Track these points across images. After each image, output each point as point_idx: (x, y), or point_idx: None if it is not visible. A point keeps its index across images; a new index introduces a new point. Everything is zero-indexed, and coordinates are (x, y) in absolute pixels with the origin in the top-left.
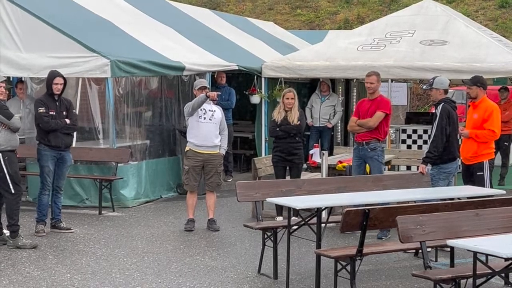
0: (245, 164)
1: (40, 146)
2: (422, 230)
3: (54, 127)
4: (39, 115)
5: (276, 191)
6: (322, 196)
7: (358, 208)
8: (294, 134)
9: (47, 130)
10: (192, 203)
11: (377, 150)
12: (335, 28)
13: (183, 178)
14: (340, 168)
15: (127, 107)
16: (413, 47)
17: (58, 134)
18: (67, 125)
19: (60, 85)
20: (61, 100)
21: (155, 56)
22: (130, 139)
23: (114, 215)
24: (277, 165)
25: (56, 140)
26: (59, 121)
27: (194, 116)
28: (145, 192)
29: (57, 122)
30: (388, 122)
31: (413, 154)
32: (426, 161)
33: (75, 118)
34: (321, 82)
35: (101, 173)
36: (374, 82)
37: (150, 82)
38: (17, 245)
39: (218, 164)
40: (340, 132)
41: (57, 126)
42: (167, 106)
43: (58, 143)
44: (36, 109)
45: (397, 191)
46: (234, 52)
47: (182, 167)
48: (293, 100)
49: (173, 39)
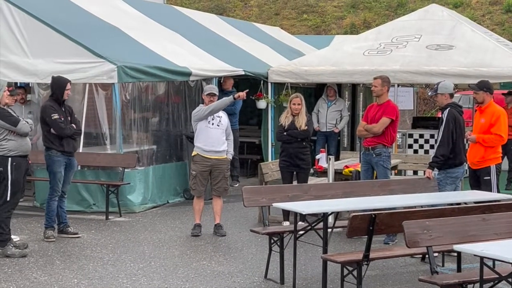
0: (251, 169)
1: (51, 152)
2: (428, 235)
3: (69, 133)
4: (54, 122)
5: (283, 196)
6: (329, 201)
7: (365, 213)
8: (301, 139)
9: (62, 136)
10: (199, 208)
11: (383, 155)
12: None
13: (190, 183)
14: (346, 173)
15: (134, 113)
16: (419, 52)
17: (69, 140)
18: (75, 131)
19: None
20: (65, 106)
21: (161, 61)
22: (137, 145)
23: (121, 220)
24: (284, 170)
25: (68, 146)
26: (70, 126)
27: (203, 121)
28: (152, 197)
29: (70, 128)
30: (395, 128)
31: (419, 158)
32: (432, 165)
33: (78, 123)
34: (328, 87)
35: (108, 179)
36: (377, 86)
37: (157, 87)
38: (6, 254)
39: (225, 169)
40: (346, 137)
41: (71, 132)
42: (173, 111)
43: (70, 148)
44: (49, 116)
45: (403, 196)
46: (241, 57)
47: (189, 172)
48: (300, 105)
49: (180, 45)
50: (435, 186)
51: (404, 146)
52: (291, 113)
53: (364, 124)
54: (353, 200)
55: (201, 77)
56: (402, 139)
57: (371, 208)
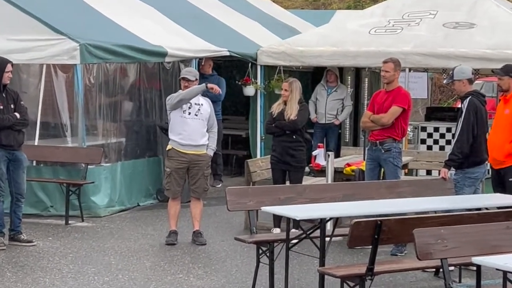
0: (237, 167)
1: None
2: (443, 245)
3: (8, 123)
4: None
5: (273, 199)
6: (327, 204)
7: (369, 219)
8: (290, 132)
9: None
10: (174, 212)
11: (392, 151)
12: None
13: (164, 183)
14: (348, 172)
15: (99, 99)
16: (435, 31)
17: (9, 131)
18: (18, 120)
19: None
20: (7, 92)
21: (132, 39)
22: (102, 137)
23: (83, 226)
24: (274, 168)
25: (8, 138)
26: (10, 116)
27: (178, 111)
28: (120, 199)
29: (9, 117)
30: (406, 119)
31: (434, 156)
32: (449, 164)
33: (24, 111)
34: (328, 71)
35: (69, 177)
36: (390, 71)
37: (127, 70)
38: None
39: (205, 167)
40: (348, 130)
41: (10, 122)
42: (146, 98)
43: (10, 141)
44: None
45: (415, 200)
46: (225, 35)
47: (163, 170)
48: (287, 92)
49: (154, 20)
50: (452, 188)
51: (416, 141)
52: (283, 101)
53: (370, 114)
54: (356, 203)
55: (179, 58)
56: (414, 132)
57: (377, 213)
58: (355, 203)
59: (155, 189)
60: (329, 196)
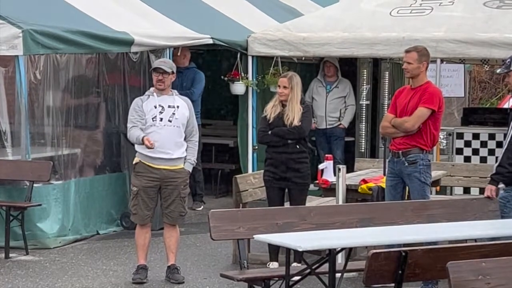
0: (223, 185)
1: None
2: (485, 282)
3: None
4: None
5: (269, 225)
6: (337, 231)
7: (391, 249)
8: (293, 141)
9: None
10: (143, 242)
11: (419, 164)
12: None
13: (130, 205)
14: (364, 190)
15: (47, 100)
16: (473, 12)
17: None
18: None
19: None
20: None
21: (90, 24)
22: (52, 147)
23: (27, 260)
24: (269, 186)
25: None
26: None
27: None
28: (75, 225)
29: None
30: (437, 123)
31: (473, 170)
32: (496, 179)
33: None
34: (325, 63)
35: (9, 198)
36: (413, 62)
37: (83, 62)
38: None
39: (181, 185)
40: (364, 137)
41: None
42: (107, 98)
43: None
44: None
45: (448, 225)
46: (208, 18)
47: (129, 189)
48: (287, 89)
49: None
50: (496, 210)
51: (450, 151)
52: (280, 101)
53: (391, 118)
54: (374, 230)
55: (148, 47)
56: (448, 140)
57: (401, 242)
58: (372, 230)
59: (119, 213)
60: (340, 220)
